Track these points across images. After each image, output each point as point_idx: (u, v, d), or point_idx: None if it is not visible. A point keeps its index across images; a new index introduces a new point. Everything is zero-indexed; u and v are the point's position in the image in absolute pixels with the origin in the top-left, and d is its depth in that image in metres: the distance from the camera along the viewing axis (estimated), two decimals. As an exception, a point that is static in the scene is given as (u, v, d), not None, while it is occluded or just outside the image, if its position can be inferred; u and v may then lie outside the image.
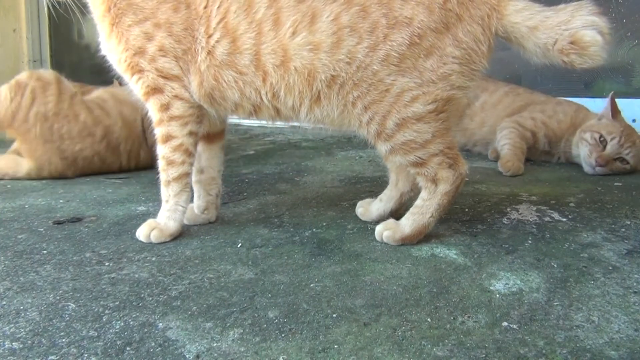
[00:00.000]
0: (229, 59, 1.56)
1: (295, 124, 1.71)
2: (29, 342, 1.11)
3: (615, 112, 2.64)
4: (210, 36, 1.57)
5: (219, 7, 1.57)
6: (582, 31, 1.44)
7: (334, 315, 1.21)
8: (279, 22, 1.52)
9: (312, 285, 1.36)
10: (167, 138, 1.65)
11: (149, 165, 2.56)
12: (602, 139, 2.56)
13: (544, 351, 1.07)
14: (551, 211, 1.92)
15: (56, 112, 2.42)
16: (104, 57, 1.73)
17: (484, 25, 1.50)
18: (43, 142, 2.39)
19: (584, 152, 2.61)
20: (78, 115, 2.47)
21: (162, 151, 1.67)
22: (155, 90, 1.63)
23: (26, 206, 2.06)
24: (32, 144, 2.39)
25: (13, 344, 1.10)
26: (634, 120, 3.06)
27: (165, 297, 1.30)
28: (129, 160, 2.56)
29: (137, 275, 1.42)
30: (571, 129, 2.79)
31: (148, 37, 1.60)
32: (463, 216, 1.87)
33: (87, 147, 2.46)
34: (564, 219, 1.84)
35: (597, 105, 2.89)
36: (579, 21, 1.45)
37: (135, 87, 1.67)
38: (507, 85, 3.10)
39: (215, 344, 1.10)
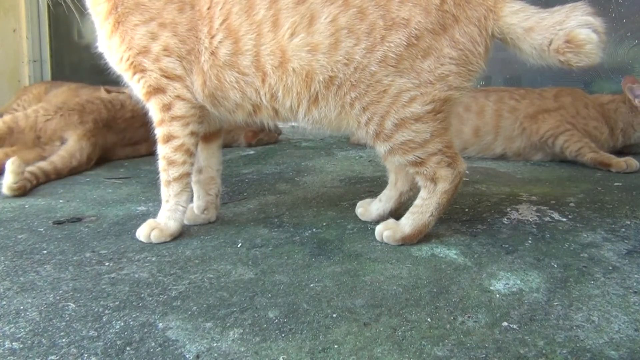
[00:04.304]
0: (232, 59, 1.57)
1: (294, 124, 1.71)
2: (29, 342, 1.11)
3: None
4: (213, 37, 1.58)
5: (221, 8, 1.57)
6: (577, 30, 1.44)
7: (334, 315, 1.21)
8: (278, 24, 1.52)
9: (312, 285, 1.36)
10: (169, 138, 1.65)
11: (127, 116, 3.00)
12: None
13: (544, 351, 1.07)
14: (551, 211, 1.92)
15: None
16: (102, 54, 1.74)
17: (480, 27, 1.50)
18: (55, 114, 2.70)
19: None
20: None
21: (163, 151, 1.67)
22: (157, 90, 1.63)
23: (26, 206, 2.06)
24: (53, 124, 2.69)
25: (13, 344, 1.10)
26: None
27: (165, 297, 1.30)
28: (115, 111, 2.99)
29: (137, 275, 1.42)
30: None
31: (153, 37, 1.60)
32: (463, 216, 1.87)
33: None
34: (564, 219, 1.84)
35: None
36: (574, 21, 1.45)
37: (136, 86, 1.67)
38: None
39: (215, 344, 1.10)
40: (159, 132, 1.67)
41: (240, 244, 1.63)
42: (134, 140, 2.99)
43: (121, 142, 2.96)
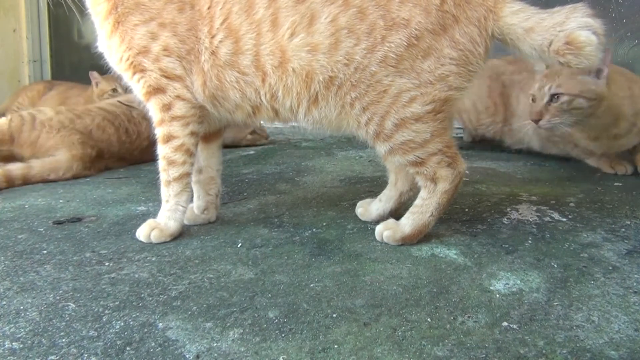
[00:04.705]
0: (232, 59, 1.57)
1: (295, 124, 1.71)
2: (29, 342, 1.11)
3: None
4: (213, 36, 1.58)
5: (221, 7, 1.57)
6: (577, 32, 1.44)
7: (334, 315, 1.21)
8: (278, 23, 1.52)
9: (312, 285, 1.36)
10: (169, 138, 1.65)
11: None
12: (533, 98, 2.39)
13: (544, 351, 1.07)
14: (551, 211, 1.92)
15: (58, 111, 2.74)
16: (102, 54, 1.74)
17: (480, 27, 1.50)
18: (57, 132, 2.57)
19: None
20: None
21: (163, 151, 1.67)
22: (157, 90, 1.63)
23: (26, 206, 2.06)
24: (50, 141, 2.56)
25: (13, 344, 1.10)
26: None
27: (165, 297, 1.30)
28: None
29: (137, 275, 1.42)
30: None
31: (153, 37, 1.60)
32: (463, 216, 1.87)
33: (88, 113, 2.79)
34: (564, 219, 1.84)
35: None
36: (574, 22, 1.45)
37: (136, 86, 1.67)
38: None
39: (215, 344, 1.10)
40: (159, 132, 1.67)
41: (240, 244, 1.64)
42: (149, 161, 2.81)
43: (136, 163, 2.83)
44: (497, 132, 3.04)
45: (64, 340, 1.12)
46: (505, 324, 1.17)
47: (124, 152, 2.75)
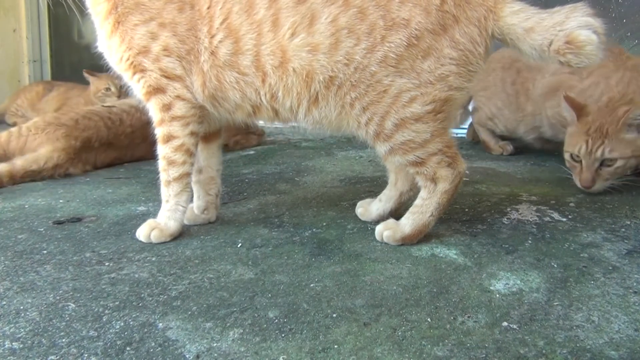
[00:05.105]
0: (232, 59, 1.57)
1: (295, 124, 1.71)
2: (29, 342, 1.11)
3: (579, 110, 2.20)
4: (213, 36, 1.58)
5: (221, 7, 1.57)
6: (577, 31, 1.44)
7: (334, 315, 1.21)
8: (278, 24, 1.52)
9: (312, 285, 1.36)
10: (169, 138, 1.65)
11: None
12: (575, 157, 2.22)
13: (544, 351, 1.07)
14: (551, 211, 1.92)
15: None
16: (102, 54, 1.74)
17: (480, 27, 1.50)
18: (42, 131, 2.62)
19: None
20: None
21: (163, 151, 1.67)
22: (157, 90, 1.63)
23: (26, 206, 2.06)
24: (36, 141, 2.60)
25: (13, 344, 1.10)
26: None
27: (165, 297, 1.30)
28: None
29: (137, 275, 1.42)
30: None
31: (153, 37, 1.60)
32: (463, 216, 1.87)
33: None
34: (564, 219, 1.84)
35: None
36: (574, 22, 1.45)
37: (136, 86, 1.67)
38: None
39: (215, 344, 1.10)
40: (159, 132, 1.67)
41: (240, 244, 1.64)
42: (137, 156, 2.89)
43: (124, 157, 2.86)
44: (512, 122, 2.92)
45: (64, 340, 1.12)
46: (505, 324, 1.17)
47: (112, 137, 2.79)
